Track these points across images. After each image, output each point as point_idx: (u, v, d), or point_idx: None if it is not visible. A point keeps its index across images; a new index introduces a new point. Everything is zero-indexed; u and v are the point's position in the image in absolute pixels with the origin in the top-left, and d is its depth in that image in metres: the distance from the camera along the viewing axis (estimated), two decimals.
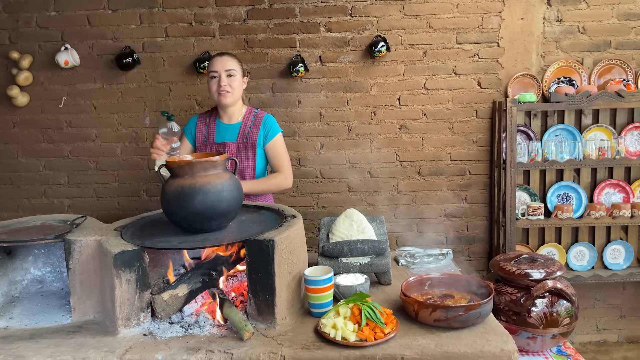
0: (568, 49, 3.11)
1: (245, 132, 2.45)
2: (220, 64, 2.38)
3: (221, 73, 2.37)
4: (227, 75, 2.38)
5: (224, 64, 2.38)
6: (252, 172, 2.46)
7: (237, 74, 2.41)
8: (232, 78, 2.39)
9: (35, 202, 3.29)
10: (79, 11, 3.11)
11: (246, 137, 2.45)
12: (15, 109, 3.19)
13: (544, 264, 1.81)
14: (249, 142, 2.44)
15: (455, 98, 3.15)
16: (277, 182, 2.46)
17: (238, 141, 2.45)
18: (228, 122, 2.49)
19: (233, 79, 2.39)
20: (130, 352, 1.48)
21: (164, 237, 1.69)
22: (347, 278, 1.77)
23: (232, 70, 2.38)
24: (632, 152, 3.11)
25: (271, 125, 2.48)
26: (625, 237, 3.19)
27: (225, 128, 2.48)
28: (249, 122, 2.47)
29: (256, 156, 2.45)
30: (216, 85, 2.38)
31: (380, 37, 3.05)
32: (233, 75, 2.39)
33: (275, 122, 2.52)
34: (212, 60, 2.42)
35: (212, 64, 2.40)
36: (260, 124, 2.47)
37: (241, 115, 2.50)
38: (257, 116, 2.49)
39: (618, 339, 3.36)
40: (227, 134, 2.47)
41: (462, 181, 3.23)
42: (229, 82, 2.38)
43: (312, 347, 1.46)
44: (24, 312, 1.78)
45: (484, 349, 1.42)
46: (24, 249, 1.93)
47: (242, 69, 2.46)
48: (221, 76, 2.37)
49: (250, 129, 2.46)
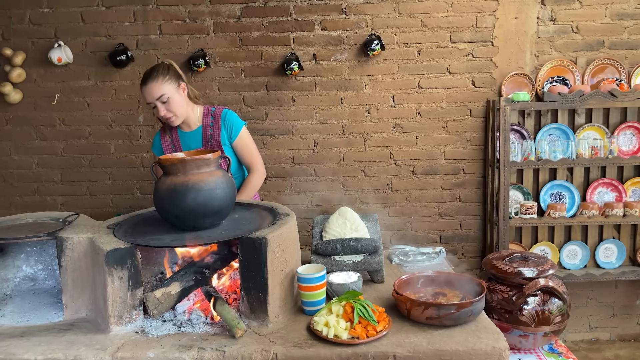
0: (562, 49, 3.12)
1: (207, 135, 2.36)
2: (150, 94, 2.20)
3: (156, 103, 2.21)
4: (161, 102, 2.21)
5: (152, 93, 2.20)
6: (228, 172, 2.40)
7: (170, 94, 2.21)
8: (168, 103, 2.22)
9: (28, 199, 3.27)
10: (72, 8, 3.09)
11: (210, 140, 2.36)
12: (7, 106, 3.17)
13: (536, 262, 1.82)
14: (214, 145, 2.35)
15: (450, 97, 3.16)
16: (255, 183, 2.40)
17: (204, 146, 2.36)
18: (189, 130, 2.38)
19: (169, 103, 2.22)
20: (122, 350, 1.47)
21: (156, 235, 1.69)
22: (340, 276, 1.78)
23: (163, 96, 2.20)
24: (625, 152, 3.13)
25: (232, 121, 2.36)
26: (618, 236, 3.21)
27: (188, 136, 2.38)
28: (209, 124, 2.37)
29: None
30: (158, 114, 2.25)
31: (374, 36, 3.05)
32: (166, 100, 2.21)
33: (235, 116, 2.39)
34: (142, 91, 2.23)
35: (143, 95, 2.23)
36: (220, 123, 2.36)
37: (199, 118, 2.38)
38: (215, 115, 2.38)
39: (610, 337, 3.38)
40: (191, 141, 2.38)
41: (456, 180, 3.24)
42: (167, 109, 2.23)
43: (305, 344, 1.46)
44: (16, 309, 1.77)
45: (476, 347, 1.42)
46: (16, 246, 1.92)
47: (173, 80, 2.24)
48: (157, 106, 2.22)
49: (211, 130, 2.35)
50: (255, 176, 2.40)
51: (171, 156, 1.76)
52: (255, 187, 2.40)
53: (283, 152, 3.21)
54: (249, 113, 3.18)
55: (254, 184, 2.39)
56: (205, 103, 3.00)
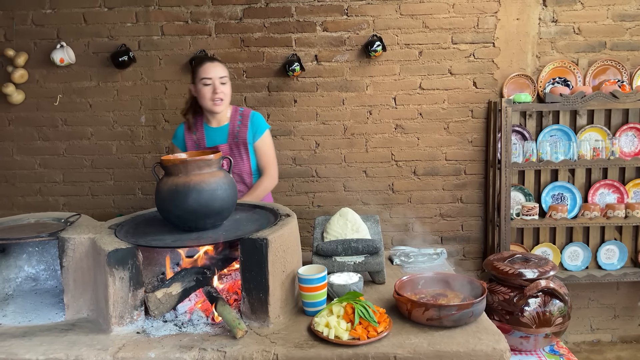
0: (563, 50, 3.12)
1: (234, 132, 2.45)
2: (214, 71, 2.35)
3: (215, 80, 2.35)
4: (221, 83, 2.36)
5: (217, 71, 2.36)
6: (249, 170, 2.48)
7: (228, 81, 2.41)
8: (225, 85, 2.38)
9: (30, 199, 3.28)
10: (74, 9, 3.10)
11: (236, 137, 2.45)
12: (10, 107, 3.18)
13: (538, 263, 1.82)
14: (240, 142, 2.44)
15: (451, 98, 3.16)
16: (266, 186, 2.47)
17: (229, 142, 2.45)
18: (217, 125, 2.48)
19: (226, 86, 2.39)
20: (123, 350, 1.48)
21: (158, 236, 1.69)
22: (340, 277, 1.78)
23: (224, 78, 2.38)
24: (627, 153, 3.13)
25: (259, 122, 2.48)
26: (620, 237, 3.21)
27: (214, 131, 2.48)
28: (237, 121, 2.47)
29: (249, 154, 2.46)
30: (210, 93, 2.35)
31: (376, 37, 3.05)
32: (225, 82, 2.38)
33: (262, 118, 2.52)
34: (203, 67, 2.37)
35: (205, 70, 2.35)
36: (248, 122, 2.46)
37: (228, 116, 2.49)
38: (243, 114, 2.49)
39: (612, 339, 3.37)
40: (217, 136, 2.47)
41: (457, 181, 3.24)
42: (222, 90, 2.36)
43: (305, 345, 1.46)
44: (18, 309, 1.78)
45: (476, 348, 1.42)
46: (18, 246, 1.93)
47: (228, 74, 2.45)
48: (215, 84, 2.35)
49: (239, 128, 2.45)
50: (267, 180, 2.47)
51: (173, 157, 1.76)
52: (265, 190, 2.46)
53: (284, 152, 3.21)
54: None
55: (264, 187, 2.45)
56: None
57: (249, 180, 2.50)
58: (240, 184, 2.49)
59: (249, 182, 2.50)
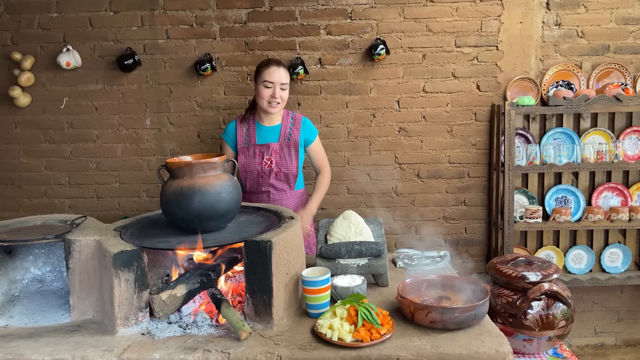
0: (567, 53, 3.12)
1: (286, 133, 2.63)
2: (277, 76, 2.52)
3: (276, 85, 2.51)
4: (281, 88, 2.53)
5: (280, 77, 2.52)
6: (296, 170, 2.63)
7: (288, 87, 2.58)
8: (284, 91, 2.55)
9: (36, 202, 3.31)
10: (80, 13, 3.13)
11: (288, 138, 2.62)
12: (17, 110, 3.20)
13: (541, 266, 1.83)
14: (291, 143, 2.62)
15: (454, 101, 3.17)
16: (327, 182, 2.72)
17: (280, 142, 2.61)
18: (268, 125, 2.64)
19: (285, 92, 2.56)
20: (128, 351, 1.49)
21: (162, 238, 1.71)
22: (344, 279, 1.79)
23: (285, 85, 2.55)
24: (630, 156, 3.13)
25: (310, 127, 2.69)
26: (624, 240, 3.20)
27: (266, 130, 2.63)
28: (289, 123, 2.64)
29: (298, 156, 2.64)
30: (269, 96, 2.52)
31: (379, 40, 3.06)
32: (285, 89, 2.55)
33: (312, 124, 2.72)
34: (268, 69, 2.52)
35: (269, 73, 2.51)
36: (300, 126, 2.65)
37: (280, 117, 2.65)
38: (295, 118, 2.67)
39: (616, 342, 3.36)
40: (268, 135, 2.62)
41: (461, 184, 3.24)
42: (281, 95, 2.53)
43: (309, 347, 1.47)
44: (24, 311, 1.80)
45: (479, 351, 1.43)
46: (25, 248, 1.94)
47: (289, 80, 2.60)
48: (275, 89, 2.51)
49: (291, 130, 2.63)
50: (327, 176, 2.73)
51: (177, 159, 1.78)
52: (327, 185, 2.72)
53: None
54: None
55: (327, 183, 2.72)
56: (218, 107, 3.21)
57: (293, 181, 2.65)
58: (284, 183, 2.64)
59: (293, 184, 2.65)
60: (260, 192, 2.64)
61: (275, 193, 2.64)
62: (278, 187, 2.64)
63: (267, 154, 2.59)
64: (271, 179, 2.61)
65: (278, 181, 2.63)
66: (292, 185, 2.66)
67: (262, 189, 2.63)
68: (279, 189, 2.64)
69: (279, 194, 2.64)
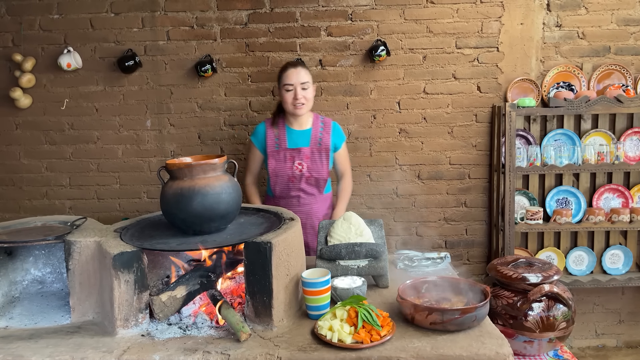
0: (567, 54, 3.12)
1: (317, 138, 2.62)
2: (296, 76, 2.51)
3: (297, 86, 2.51)
4: (302, 88, 2.51)
5: (299, 77, 2.51)
6: (327, 174, 2.63)
7: (311, 85, 2.55)
8: (307, 90, 2.53)
9: (36, 203, 3.31)
10: (81, 14, 3.13)
11: (319, 142, 2.61)
12: (17, 111, 3.21)
13: (541, 268, 1.82)
14: (322, 147, 2.61)
15: (455, 102, 3.17)
16: (351, 187, 2.79)
17: (311, 146, 2.61)
18: (299, 128, 2.63)
19: (307, 91, 2.54)
20: (128, 353, 1.49)
21: (163, 239, 1.71)
22: (344, 281, 1.78)
23: (306, 83, 2.53)
24: (631, 157, 3.12)
25: (339, 132, 2.69)
26: (624, 242, 3.20)
27: (297, 134, 2.62)
28: (319, 127, 2.64)
29: (329, 160, 2.64)
30: (292, 98, 2.52)
31: (380, 42, 3.07)
32: (307, 87, 2.53)
33: (341, 128, 2.73)
34: (286, 73, 2.54)
35: (288, 76, 2.52)
36: (330, 130, 2.65)
37: (310, 121, 2.65)
38: (325, 122, 2.67)
39: (617, 344, 3.36)
40: (299, 139, 2.62)
41: (462, 185, 3.24)
42: (304, 95, 2.52)
43: (309, 349, 1.47)
44: (24, 312, 1.80)
45: (479, 352, 1.43)
46: (25, 249, 1.94)
47: (311, 77, 2.59)
48: (297, 89, 2.51)
49: (321, 134, 2.63)
50: (350, 181, 2.79)
51: (178, 161, 1.78)
52: (349, 194, 2.78)
53: None
54: (255, 118, 3.20)
55: (350, 189, 2.80)
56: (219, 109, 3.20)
57: (323, 185, 2.65)
58: (314, 188, 2.64)
59: (322, 188, 2.65)
60: (290, 196, 2.62)
61: (306, 197, 2.63)
62: (308, 192, 2.63)
63: (298, 158, 2.58)
64: (302, 184, 2.60)
65: (308, 185, 2.62)
66: (322, 190, 2.66)
67: (292, 193, 2.62)
68: (309, 193, 2.63)
69: (309, 198, 2.63)
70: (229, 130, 3.23)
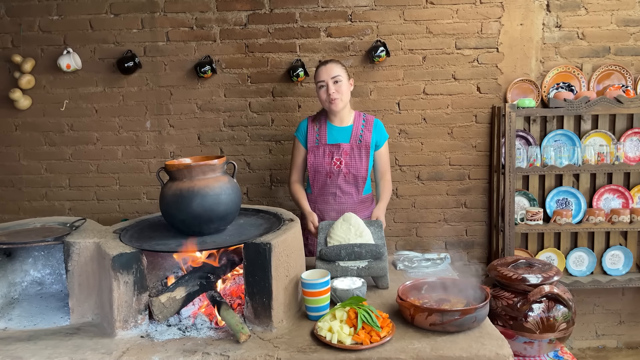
0: (567, 55, 3.12)
1: (358, 135, 2.57)
2: (326, 72, 2.47)
3: (328, 81, 2.46)
4: (334, 82, 2.46)
5: (329, 72, 2.47)
6: (366, 172, 2.57)
7: (343, 79, 2.49)
8: (339, 84, 2.47)
9: (36, 204, 3.31)
10: (81, 15, 3.13)
11: (359, 140, 2.56)
12: (17, 112, 3.21)
13: (541, 268, 1.82)
14: (362, 144, 2.56)
15: (455, 103, 3.17)
16: (391, 189, 2.66)
17: (351, 143, 2.56)
18: (340, 125, 2.60)
19: (340, 84, 2.47)
20: (127, 354, 1.49)
21: (162, 240, 1.71)
22: (344, 282, 1.78)
23: (338, 77, 2.47)
24: (631, 158, 3.12)
25: (381, 131, 2.62)
26: (625, 242, 3.19)
27: (337, 130, 2.59)
28: (360, 124, 2.59)
29: (369, 158, 2.57)
30: (325, 94, 2.48)
31: (380, 42, 3.06)
32: (340, 80, 2.47)
33: (384, 126, 2.65)
34: (317, 71, 2.51)
35: (318, 74, 2.50)
36: (372, 128, 2.59)
37: (351, 118, 2.61)
38: (367, 119, 2.62)
39: (617, 345, 3.35)
40: (339, 135, 2.58)
41: (461, 186, 3.24)
42: (336, 89, 2.46)
43: (308, 350, 1.47)
44: (23, 313, 1.80)
45: (479, 353, 1.42)
46: (24, 250, 1.94)
47: (347, 72, 2.54)
48: (328, 84, 2.46)
49: (362, 131, 2.58)
50: (390, 183, 2.67)
51: (177, 162, 1.78)
52: (391, 190, 2.67)
53: (289, 158, 3.20)
54: (254, 119, 3.20)
55: (390, 189, 2.67)
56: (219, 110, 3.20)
57: (362, 185, 2.59)
58: (352, 186, 2.57)
59: (361, 187, 2.59)
60: (327, 193, 2.57)
61: (342, 196, 2.56)
62: (345, 190, 2.56)
63: (337, 154, 2.54)
64: (339, 180, 2.54)
65: (346, 184, 2.56)
66: (361, 190, 2.58)
67: (329, 190, 2.56)
68: (346, 192, 2.56)
69: (345, 197, 2.56)
70: (229, 131, 3.23)
